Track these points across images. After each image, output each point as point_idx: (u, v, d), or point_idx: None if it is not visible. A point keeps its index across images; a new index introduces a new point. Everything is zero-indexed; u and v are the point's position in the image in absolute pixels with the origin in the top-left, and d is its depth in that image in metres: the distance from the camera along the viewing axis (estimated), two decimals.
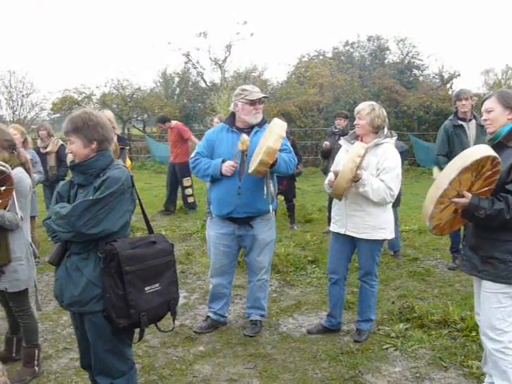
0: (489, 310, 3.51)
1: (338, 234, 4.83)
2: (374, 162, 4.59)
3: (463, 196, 3.33)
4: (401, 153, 7.41)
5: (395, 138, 4.87)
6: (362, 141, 4.69)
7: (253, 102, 4.84)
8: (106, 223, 3.04)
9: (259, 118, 4.90)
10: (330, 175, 4.65)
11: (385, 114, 4.75)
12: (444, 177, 3.31)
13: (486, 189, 3.37)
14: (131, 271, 3.04)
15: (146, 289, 3.12)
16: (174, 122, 11.35)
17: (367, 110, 4.65)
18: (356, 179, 4.42)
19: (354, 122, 4.76)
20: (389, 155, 4.63)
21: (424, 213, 3.47)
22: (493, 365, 3.58)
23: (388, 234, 4.79)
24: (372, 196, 4.50)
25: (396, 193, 4.59)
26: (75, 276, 3.14)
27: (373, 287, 4.92)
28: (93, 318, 3.15)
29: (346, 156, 4.58)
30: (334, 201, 4.86)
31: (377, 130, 4.68)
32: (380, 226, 4.68)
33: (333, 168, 4.76)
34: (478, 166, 3.22)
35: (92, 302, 3.11)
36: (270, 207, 4.83)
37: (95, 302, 3.11)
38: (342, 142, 4.98)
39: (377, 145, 4.63)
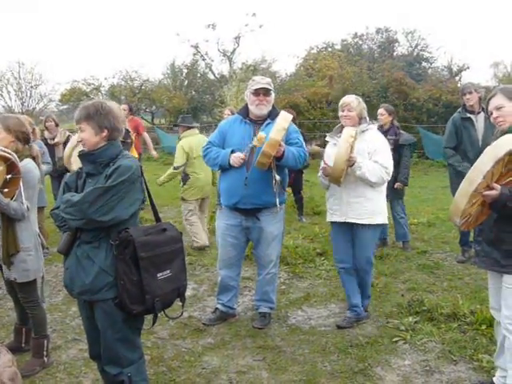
0: None
1: (339, 223, 4.95)
2: (364, 147, 4.78)
3: (492, 188, 3.23)
4: (409, 145, 7.47)
5: (377, 124, 5.07)
6: None
7: (256, 93, 4.83)
8: (116, 211, 3.07)
9: (263, 109, 4.86)
10: (321, 164, 4.89)
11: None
12: (477, 170, 3.19)
13: (510, 179, 3.28)
14: (146, 257, 3.09)
15: (159, 275, 3.17)
16: (131, 116, 11.03)
17: (355, 102, 4.89)
18: (351, 163, 4.57)
19: (343, 114, 4.91)
20: (376, 138, 4.92)
21: (453, 210, 3.34)
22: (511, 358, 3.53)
23: (385, 218, 5.03)
24: (370, 177, 4.67)
25: (391, 170, 4.83)
26: (86, 264, 3.16)
27: (370, 271, 5.17)
28: (104, 306, 3.17)
29: (338, 142, 4.71)
30: (330, 191, 4.98)
31: (361, 120, 4.91)
32: (378, 210, 4.89)
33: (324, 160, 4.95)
34: (510, 156, 3.14)
35: (103, 289, 3.13)
36: (277, 200, 4.78)
37: (107, 289, 3.13)
38: (328, 138, 5.13)
39: (363, 131, 4.82)
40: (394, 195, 7.48)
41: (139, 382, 3.34)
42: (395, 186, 7.41)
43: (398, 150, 7.30)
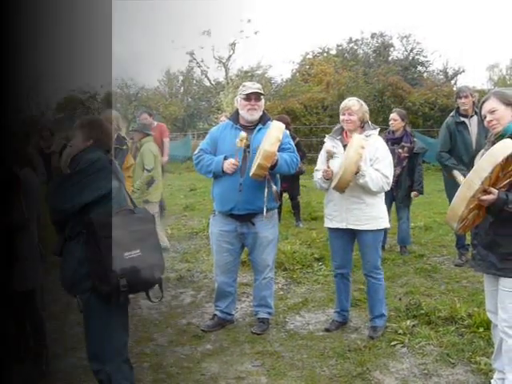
0: (511, 308, 3.47)
1: (338, 229, 4.89)
2: (366, 153, 4.65)
3: (489, 193, 3.24)
4: (420, 154, 7.35)
5: (378, 129, 4.97)
6: (347, 136, 4.85)
7: (248, 97, 4.83)
8: (78, 199, 3.22)
9: (255, 114, 4.87)
10: (320, 172, 4.79)
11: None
12: (475, 176, 3.21)
13: (506, 182, 3.29)
14: (107, 236, 3.15)
15: (125, 254, 3.20)
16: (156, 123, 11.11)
17: (357, 105, 4.79)
18: (357, 171, 4.51)
19: (344, 118, 4.81)
20: (379, 145, 4.80)
21: (451, 215, 3.35)
22: (509, 361, 3.55)
23: (386, 222, 4.94)
24: (372, 186, 4.62)
25: (391, 180, 4.75)
26: (69, 260, 3.31)
27: (380, 280, 4.97)
28: (85, 298, 3.28)
29: (347, 150, 4.63)
30: (329, 197, 4.92)
31: (363, 124, 4.83)
32: (379, 215, 4.82)
33: (319, 166, 4.90)
34: (507, 161, 3.16)
35: (82, 281, 3.25)
36: (264, 208, 4.74)
37: (85, 280, 3.24)
38: (327, 139, 5.03)
39: (367, 136, 4.73)
40: (402, 201, 7.48)
41: (120, 380, 3.38)
42: (412, 196, 7.40)
43: (412, 158, 7.32)
